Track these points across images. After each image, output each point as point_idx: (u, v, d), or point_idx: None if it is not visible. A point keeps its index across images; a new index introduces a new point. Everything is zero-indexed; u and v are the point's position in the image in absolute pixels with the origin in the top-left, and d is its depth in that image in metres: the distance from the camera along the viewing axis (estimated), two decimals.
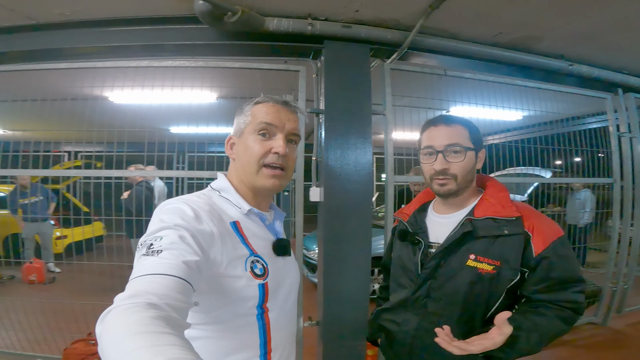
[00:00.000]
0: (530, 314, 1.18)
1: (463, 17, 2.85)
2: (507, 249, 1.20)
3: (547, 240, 1.20)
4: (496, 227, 1.23)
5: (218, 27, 2.69)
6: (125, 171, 3.66)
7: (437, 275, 1.28)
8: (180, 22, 2.86)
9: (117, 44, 2.96)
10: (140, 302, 0.65)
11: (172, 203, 0.97)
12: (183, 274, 0.77)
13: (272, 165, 1.07)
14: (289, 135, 1.11)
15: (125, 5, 2.73)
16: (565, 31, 3.05)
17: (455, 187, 1.29)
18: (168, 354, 0.52)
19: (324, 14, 2.80)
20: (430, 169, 1.31)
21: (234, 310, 0.98)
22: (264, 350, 1.02)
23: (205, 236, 0.91)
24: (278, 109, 1.10)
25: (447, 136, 1.29)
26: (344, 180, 2.83)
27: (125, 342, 0.55)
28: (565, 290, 1.21)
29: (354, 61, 2.92)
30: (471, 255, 1.23)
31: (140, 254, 0.81)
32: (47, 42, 2.99)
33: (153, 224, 0.90)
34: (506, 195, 1.33)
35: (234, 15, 2.56)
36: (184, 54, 3.10)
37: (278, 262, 1.09)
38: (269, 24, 2.72)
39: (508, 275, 1.20)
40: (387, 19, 2.87)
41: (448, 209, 1.38)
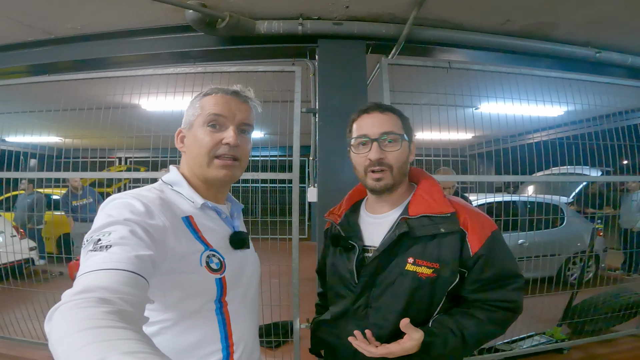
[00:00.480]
0: (457, 317, 1.13)
1: (462, 5, 2.70)
2: (445, 249, 1.12)
3: (482, 237, 1.13)
4: (432, 226, 1.14)
5: (212, 33, 2.76)
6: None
7: (376, 282, 1.18)
8: (178, 30, 2.97)
9: (127, 54, 3.14)
10: (91, 297, 0.60)
11: (120, 198, 0.92)
12: (136, 268, 0.72)
13: (224, 156, 1.04)
14: (241, 125, 1.07)
15: (126, 18, 2.90)
16: (582, 16, 2.79)
17: (391, 180, 1.18)
18: (124, 347, 0.48)
19: (316, 13, 2.79)
20: (364, 159, 1.19)
21: (191, 306, 0.95)
22: (225, 344, 1.00)
23: (157, 231, 0.86)
24: (228, 99, 1.06)
25: (381, 124, 1.18)
26: (339, 180, 2.78)
27: (76, 338, 0.51)
28: (501, 288, 1.14)
29: (349, 59, 2.87)
30: (409, 259, 1.14)
31: (87, 250, 0.76)
32: (60, 55, 3.25)
33: (99, 220, 0.84)
34: (439, 189, 1.24)
35: (223, 21, 2.62)
36: (187, 61, 3.21)
37: (236, 255, 1.06)
38: (259, 27, 2.75)
39: (447, 277, 1.12)
40: (382, 13, 2.79)
41: (382, 208, 1.27)
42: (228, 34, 2.76)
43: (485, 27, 2.99)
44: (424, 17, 2.80)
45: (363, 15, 2.79)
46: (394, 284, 1.15)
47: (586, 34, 3.11)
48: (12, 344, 3.42)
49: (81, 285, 0.64)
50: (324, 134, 2.81)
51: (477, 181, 3.46)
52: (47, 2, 2.66)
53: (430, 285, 1.12)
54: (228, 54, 3.09)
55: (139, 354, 0.48)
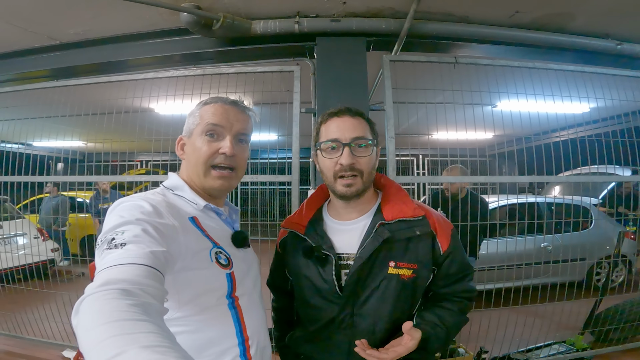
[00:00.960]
0: (437, 310, 1.21)
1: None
2: (420, 250, 1.18)
3: (448, 236, 1.21)
4: (408, 229, 1.18)
5: (209, 35, 2.74)
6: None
7: (361, 289, 1.17)
8: (177, 34, 2.97)
9: (127, 58, 3.18)
10: (114, 289, 0.63)
11: (129, 200, 0.95)
12: (152, 262, 0.74)
13: (221, 166, 1.07)
14: (238, 135, 1.10)
15: (125, 23, 2.93)
16: (600, 5, 2.60)
17: (361, 186, 1.17)
18: (144, 341, 0.51)
19: (313, 11, 2.72)
20: (333, 164, 1.16)
21: (204, 302, 0.97)
22: (241, 338, 1.02)
23: (168, 229, 0.89)
24: (226, 109, 1.09)
25: (353, 128, 1.17)
26: None
27: (100, 331, 0.53)
28: (462, 280, 1.24)
29: (348, 56, 2.79)
30: (391, 262, 1.16)
31: (102, 250, 0.78)
32: (65, 60, 3.32)
33: (111, 221, 0.87)
34: (406, 194, 1.27)
35: (218, 23, 2.59)
36: (187, 64, 3.21)
37: (239, 253, 1.09)
38: (256, 27, 2.71)
39: (425, 276, 1.19)
40: (382, 8, 2.69)
41: (350, 214, 1.25)
42: (225, 35, 2.74)
43: (492, 19, 2.84)
44: (426, 10, 2.68)
45: (362, 11, 2.70)
46: (378, 289, 1.16)
47: (605, 25, 2.91)
48: (25, 343, 3.52)
49: (102, 278, 0.67)
50: None
51: (490, 182, 3.30)
52: (46, 9, 2.71)
53: (411, 285, 1.17)
54: (227, 55, 3.07)
55: (158, 347, 0.50)
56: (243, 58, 3.15)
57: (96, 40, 3.20)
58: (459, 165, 3.50)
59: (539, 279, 4.13)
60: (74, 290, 3.53)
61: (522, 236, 4.60)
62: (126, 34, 3.13)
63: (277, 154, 3.40)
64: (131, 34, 3.13)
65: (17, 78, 3.80)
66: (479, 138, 6.09)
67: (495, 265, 3.97)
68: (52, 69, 3.57)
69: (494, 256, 4.17)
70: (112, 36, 3.17)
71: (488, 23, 2.87)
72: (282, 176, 2.87)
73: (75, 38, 3.19)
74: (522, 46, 3.09)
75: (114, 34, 3.16)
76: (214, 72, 2.97)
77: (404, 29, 2.65)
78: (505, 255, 3.83)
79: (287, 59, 3.07)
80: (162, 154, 3.41)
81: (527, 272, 4.14)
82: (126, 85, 3.14)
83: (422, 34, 2.79)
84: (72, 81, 3.29)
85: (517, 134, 3.38)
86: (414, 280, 1.16)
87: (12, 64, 3.63)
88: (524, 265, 4.07)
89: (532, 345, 3.14)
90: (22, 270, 4.31)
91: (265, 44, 2.90)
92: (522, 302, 2.96)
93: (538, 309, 3.48)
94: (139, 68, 3.40)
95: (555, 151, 2.94)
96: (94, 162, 3.67)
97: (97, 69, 3.44)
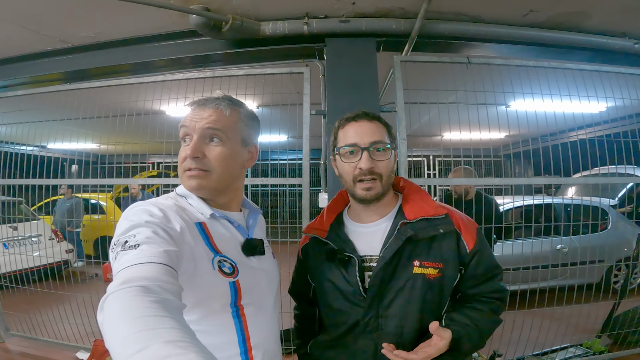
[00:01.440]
0: (466, 311, 1.18)
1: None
2: (445, 249, 1.17)
3: (473, 234, 1.20)
4: (431, 227, 1.17)
5: (218, 37, 2.74)
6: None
7: (385, 291, 1.16)
8: (187, 36, 2.98)
9: (138, 61, 3.20)
10: (136, 286, 0.65)
11: (139, 205, 0.96)
12: (167, 261, 0.77)
13: (190, 170, 1.04)
14: (205, 132, 1.03)
15: (135, 25, 2.94)
16: (615, 4, 2.55)
17: (380, 190, 1.18)
18: (166, 336, 0.53)
19: (322, 12, 2.70)
20: (352, 168, 1.17)
21: (207, 309, 0.97)
22: (243, 348, 1.01)
23: (175, 233, 0.90)
24: (193, 110, 1.05)
25: (371, 132, 1.18)
26: None
27: (124, 327, 0.56)
28: (491, 280, 1.22)
29: (358, 57, 2.76)
30: (415, 262, 1.15)
31: (117, 252, 0.80)
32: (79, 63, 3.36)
33: (122, 226, 0.88)
34: (426, 194, 1.28)
35: (227, 24, 2.59)
36: (197, 66, 3.22)
37: (251, 262, 1.08)
38: (264, 29, 2.70)
39: (451, 275, 1.17)
40: (392, 8, 2.66)
41: (370, 217, 1.25)
42: (234, 37, 2.73)
43: (506, 18, 2.79)
44: (437, 10, 2.64)
45: (372, 11, 2.67)
46: (403, 289, 1.15)
47: (622, 24, 2.84)
48: (39, 344, 3.56)
49: (122, 277, 0.69)
50: None
51: (504, 184, 3.23)
52: (58, 12, 2.72)
53: (438, 285, 1.16)
54: (236, 57, 3.07)
55: (179, 342, 0.53)
56: (253, 60, 3.13)
57: (107, 43, 3.23)
58: (464, 166, 3.43)
59: (555, 281, 4.05)
60: (87, 291, 3.57)
61: (537, 238, 4.51)
62: (136, 37, 3.15)
63: (287, 155, 3.40)
64: (141, 36, 3.14)
65: (31, 81, 3.85)
66: (492, 138, 6.03)
67: (510, 267, 3.92)
68: (65, 72, 3.60)
69: (508, 258, 4.10)
70: (122, 39, 3.19)
71: (501, 22, 2.82)
72: (292, 178, 2.86)
73: (86, 41, 3.21)
74: (537, 45, 3.03)
75: (124, 37, 3.17)
76: (223, 74, 2.97)
77: (414, 29, 2.61)
78: (521, 257, 3.76)
79: (297, 60, 3.05)
80: (173, 156, 3.41)
81: (542, 274, 4.07)
82: (137, 87, 3.16)
83: (433, 34, 2.75)
84: (84, 84, 3.32)
85: (531, 133, 3.32)
86: (440, 280, 1.15)
87: (26, 67, 3.67)
88: (541, 268, 3.99)
89: (547, 349, 3.09)
90: (37, 272, 4.37)
91: (274, 45, 2.89)
92: (537, 305, 2.91)
93: (554, 311, 3.42)
94: (150, 70, 3.42)
95: (571, 151, 2.88)
96: (107, 164, 3.71)
97: (108, 71, 3.46)
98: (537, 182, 3.36)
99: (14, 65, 3.71)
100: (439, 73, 2.73)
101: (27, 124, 3.83)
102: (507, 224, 4.67)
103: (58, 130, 4.09)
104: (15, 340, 3.67)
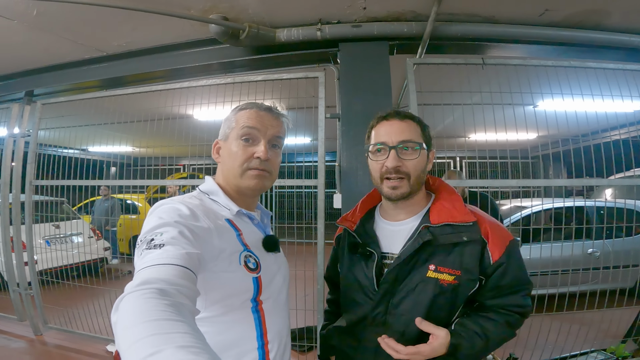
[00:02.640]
0: (478, 319, 1.16)
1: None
2: (466, 257, 1.14)
3: (502, 246, 1.15)
4: (454, 234, 1.16)
5: (237, 44, 2.87)
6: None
7: (397, 289, 1.18)
8: (208, 44, 3.12)
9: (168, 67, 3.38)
10: (151, 288, 0.67)
11: (168, 203, 1.01)
12: (187, 263, 0.79)
13: (256, 169, 1.12)
14: (272, 139, 1.14)
15: (160, 34, 3.12)
16: (634, 1, 2.46)
17: (407, 189, 1.18)
18: (179, 341, 0.54)
19: (335, 17, 2.77)
20: (380, 166, 1.20)
21: (230, 304, 1.00)
22: (261, 342, 1.05)
23: (203, 232, 0.94)
24: (261, 115, 1.14)
25: (400, 131, 1.19)
26: (363, 186, 2.73)
27: (138, 329, 0.56)
28: (515, 294, 1.18)
29: (371, 61, 2.81)
30: (431, 266, 1.15)
31: (142, 249, 0.83)
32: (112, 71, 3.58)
33: (151, 222, 0.92)
34: (459, 198, 1.25)
35: (244, 32, 2.71)
36: (218, 73, 3.36)
37: (269, 258, 1.13)
38: (280, 35, 2.80)
39: (469, 284, 1.15)
40: (403, 12, 2.70)
41: (399, 215, 1.27)
42: (251, 44, 2.85)
43: (521, 18, 2.76)
44: (449, 12, 2.66)
45: (383, 15, 2.72)
46: (414, 290, 1.16)
47: None
48: (74, 337, 3.77)
49: (141, 277, 0.71)
50: (347, 139, 2.78)
51: (533, 185, 3.17)
52: (92, 22, 2.92)
53: (451, 292, 1.14)
54: (256, 63, 3.19)
55: (192, 347, 0.53)
56: (271, 65, 3.25)
57: (137, 52, 3.43)
58: (452, 169, 3.43)
59: (586, 286, 3.93)
60: (121, 287, 3.75)
61: (567, 242, 4.38)
62: (163, 45, 3.32)
63: (303, 157, 3.48)
64: (167, 44, 3.31)
65: (71, 88, 4.12)
66: (520, 139, 5.86)
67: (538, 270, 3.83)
68: (101, 79, 3.84)
69: (536, 262, 4.01)
70: (150, 47, 3.37)
71: (516, 22, 2.79)
72: (308, 180, 2.94)
73: (119, 49, 3.42)
74: (556, 45, 2.97)
75: (152, 45, 3.36)
76: (243, 80, 3.09)
77: (426, 31, 2.64)
78: (550, 261, 3.66)
79: (313, 65, 3.13)
80: (204, 158, 3.57)
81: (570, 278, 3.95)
82: (165, 94, 3.34)
83: (446, 36, 2.76)
84: (119, 91, 3.52)
85: (563, 134, 3.23)
86: (455, 287, 1.14)
87: (67, 74, 3.93)
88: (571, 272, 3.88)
89: (567, 354, 3.00)
90: (76, 268, 4.65)
91: (290, 51, 2.99)
92: (561, 309, 2.85)
93: (574, 316, 3.32)
94: (178, 77, 3.58)
95: (606, 152, 2.80)
96: (139, 167, 3.90)
97: (140, 78, 3.67)
98: (575, 184, 3.26)
99: (56, 73, 3.98)
100: (461, 73, 2.72)
101: (68, 129, 4.10)
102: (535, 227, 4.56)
103: (97, 134, 4.34)
104: (52, 333, 3.90)
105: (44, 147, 4.08)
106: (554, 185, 3.01)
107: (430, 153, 1.25)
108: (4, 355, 3.48)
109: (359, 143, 2.75)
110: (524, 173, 6.19)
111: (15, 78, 4.22)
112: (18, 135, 4.00)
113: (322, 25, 2.76)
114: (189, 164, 8.81)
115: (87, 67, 3.80)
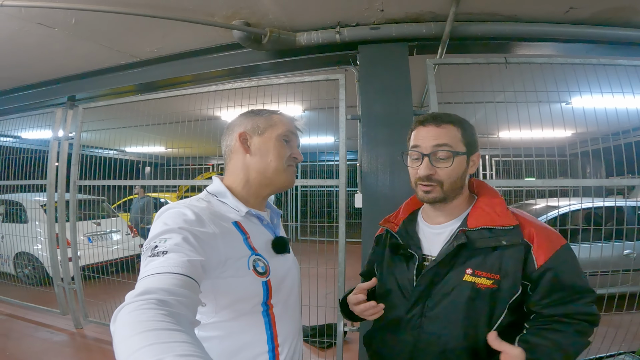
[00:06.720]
0: (545, 332, 1.08)
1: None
2: (507, 261, 1.11)
3: (549, 250, 1.10)
4: (493, 238, 1.13)
5: (259, 49, 2.97)
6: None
7: (432, 292, 1.17)
8: (233, 48, 3.24)
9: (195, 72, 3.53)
10: (151, 299, 0.67)
11: (174, 207, 1.00)
12: (188, 271, 0.79)
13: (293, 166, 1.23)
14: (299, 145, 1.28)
15: (188, 40, 3.27)
16: None
17: (441, 194, 1.18)
18: (178, 350, 0.54)
19: (353, 20, 2.81)
20: (414, 172, 1.21)
21: (239, 309, 1.01)
22: (271, 345, 1.05)
23: (208, 238, 0.94)
24: (294, 126, 1.26)
25: (435, 137, 1.17)
26: (383, 186, 2.76)
27: (136, 339, 0.56)
28: (576, 302, 1.10)
29: (390, 62, 2.83)
30: (468, 270, 1.13)
31: (146, 256, 0.84)
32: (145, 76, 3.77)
33: (156, 228, 0.93)
34: (501, 201, 1.21)
35: (265, 37, 2.80)
36: (243, 76, 3.48)
37: (278, 259, 1.12)
38: (300, 39, 2.87)
39: (509, 289, 1.10)
40: (422, 13, 2.70)
41: (439, 218, 1.27)
42: (273, 48, 2.94)
43: (545, 16, 2.71)
44: (468, 12, 2.64)
45: (401, 17, 2.73)
46: (450, 294, 1.14)
47: None
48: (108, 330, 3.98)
49: (142, 287, 0.72)
50: (368, 140, 2.82)
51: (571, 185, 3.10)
52: (125, 29, 3.08)
53: (489, 296, 1.10)
54: (279, 66, 3.28)
55: (191, 357, 0.53)
56: (293, 68, 3.32)
57: (167, 57, 3.59)
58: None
59: (616, 288, 3.78)
60: None
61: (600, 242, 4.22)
62: (191, 50, 3.47)
63: (325, 156, 3.53)
64: (195, 50, 3.45)
65: (109, 93, 4.33)
66: (555, 137, 5.65)
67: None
68: (137, 84, 4.03)
69: None
70: (179, 52, 3.53)
71: (540, 20, 2.74)
72: (330, 180, 2.99)
73: (151, 55, 3.60)
74: (584, 42, 2.89)
75: (180, 51, 3.51)
76: (266, 82, 3.19)
77: (445, 32, 2.64)
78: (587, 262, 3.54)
79: (334, 67, 3.18)
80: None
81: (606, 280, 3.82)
82: (194, 97, 3.47)
83: (466, 36, 2.75)
84: (152, 95, 3.71)
85: (602, 131, 3.12)
86: (493, 292, 1.10)
87: (105, 80, 4.15)
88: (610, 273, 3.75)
89: (592, 356, 2.92)
90: (115, 264, 4.90)
91: (311, 54, 3.05)
92: None
93: (603, 317, 3.19)
94: (205, 81, 3.73)
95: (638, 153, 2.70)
96: (178, 166, 4.06)
97: (172, 82, 3.84)
98: (586, 184, 3.17)
99: (95, 79, 4.21)
100: (481, 74, 2.69)
101: (107, 131, 4.32)
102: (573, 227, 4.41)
103: (133, 136, 4.56)
104: (91, 326, 4.11)
105: (85, 148, 4.32)
106: (581, 186, 2.94)
107: (474, 156, 1.22)
108: (46, 347, 3.67)
109: (380, 144, 2.78)
110: (562, 171, 5.99)
111: (58, 83, 4.48)
112: (62, 138, 4.20)
113: (340, 28, 2.81)
114: (217, 163, 9.09)
115: (123, 73, 4.00)
